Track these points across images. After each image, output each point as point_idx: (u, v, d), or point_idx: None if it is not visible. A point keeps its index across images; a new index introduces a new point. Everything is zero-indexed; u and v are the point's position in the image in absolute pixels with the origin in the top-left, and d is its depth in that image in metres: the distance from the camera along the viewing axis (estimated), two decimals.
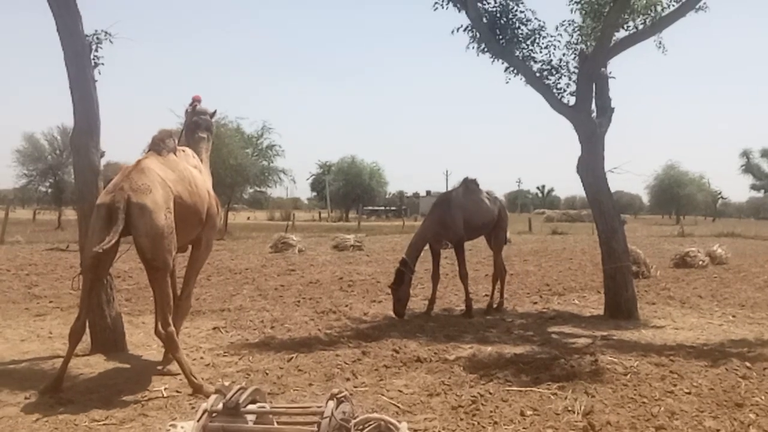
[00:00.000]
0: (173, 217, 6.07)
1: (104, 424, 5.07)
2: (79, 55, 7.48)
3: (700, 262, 18.04)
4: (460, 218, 10.44)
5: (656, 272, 15.99)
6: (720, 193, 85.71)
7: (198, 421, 3.91)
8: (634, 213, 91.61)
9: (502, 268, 11.35)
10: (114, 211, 5.72)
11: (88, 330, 7.51)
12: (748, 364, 6.90)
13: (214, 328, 8.84)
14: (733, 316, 10.38)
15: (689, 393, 5.93)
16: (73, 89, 7.51)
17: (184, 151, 7.18)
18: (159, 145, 6.68)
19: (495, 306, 10.93)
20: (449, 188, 12.55)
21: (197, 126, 7.75)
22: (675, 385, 6.15)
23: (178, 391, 5.96)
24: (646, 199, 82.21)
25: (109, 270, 6.49)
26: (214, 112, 7.98)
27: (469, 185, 11.07)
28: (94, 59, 7.70)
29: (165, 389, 5.99)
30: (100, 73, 7.77)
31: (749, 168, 42.67)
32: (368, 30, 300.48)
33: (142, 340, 8.15)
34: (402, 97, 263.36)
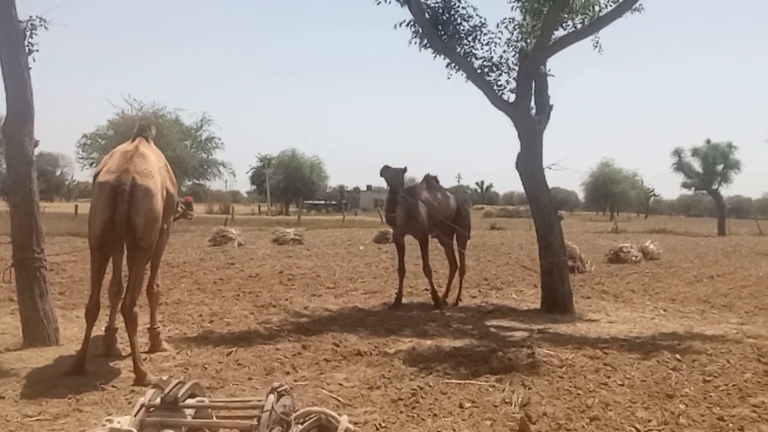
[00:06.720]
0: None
1: (37, 420, 4.94)
2: (13, 41, 7.29)
3: (633, 258, 18.54)
4: (425, 213, 10.49)
5: (591, 267, 16.38)
6: (652, 191, 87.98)
7: (135, 415, 3.85)
8: (570, 209, 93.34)
9: (454, 264, 11.46)
10: (118, 190, 5.89)
11: (20, 324, 7.37)
12: (678, 356, 7.14)
13: None
14: (665, 310, 10.70)
15: (622, 385, 6.10)
16: (5, 76, 7.33)
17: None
18: (147, 132, 6.91)
19: (440, 299, 10.94)
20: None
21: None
22: (609, 377, 6.32)
23: (114, 386, 5.85)
24: (581, 195, 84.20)
25: (116, 250, 6.40)
26: None
27: (430, 182, 11.11)
28: (28, 46, 7.52)
29: (100, 384, 5.86)
30: (34, 60, 7.63)
31: (680, 166, 43.87)
32: (311, 25, 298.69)
33: (76, 334, 7.92)
34: (343, 91, 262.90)
